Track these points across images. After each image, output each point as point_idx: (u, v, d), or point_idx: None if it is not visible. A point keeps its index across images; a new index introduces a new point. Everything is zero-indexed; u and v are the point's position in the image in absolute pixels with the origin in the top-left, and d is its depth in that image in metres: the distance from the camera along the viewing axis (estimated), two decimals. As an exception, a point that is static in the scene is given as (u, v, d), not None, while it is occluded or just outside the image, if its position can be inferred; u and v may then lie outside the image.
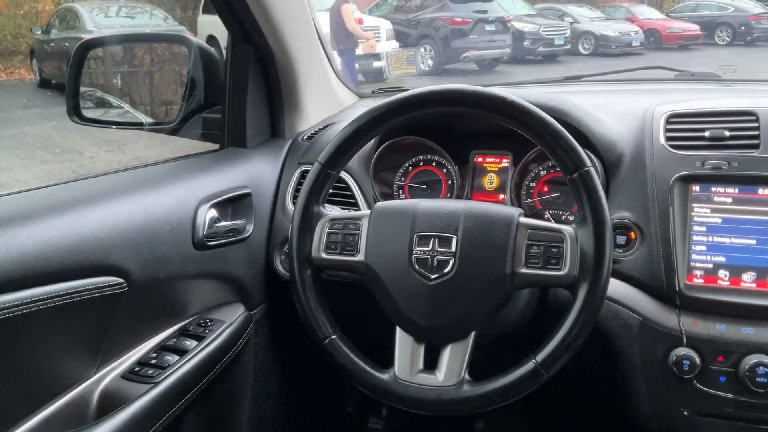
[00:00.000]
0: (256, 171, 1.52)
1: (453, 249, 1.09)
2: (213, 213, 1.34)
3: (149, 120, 2.05)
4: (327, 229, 1.18)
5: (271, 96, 1.62)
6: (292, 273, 1.17)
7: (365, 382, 1.13)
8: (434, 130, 1.49)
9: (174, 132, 1.65)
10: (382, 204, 1.19)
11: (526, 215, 1.20)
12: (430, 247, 1.10)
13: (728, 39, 15.31)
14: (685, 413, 1.21)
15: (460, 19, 12.20)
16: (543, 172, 1.42)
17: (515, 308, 1.24)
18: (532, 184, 1.43)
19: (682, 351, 1.17)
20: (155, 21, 11.16)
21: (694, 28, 14.96)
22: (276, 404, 1.65)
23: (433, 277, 1.09)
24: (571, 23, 14.37)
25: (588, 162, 1.05)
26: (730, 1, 15.95)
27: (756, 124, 1.23)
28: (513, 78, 10.86)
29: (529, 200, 1.43)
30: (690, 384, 1.18)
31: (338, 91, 1.80)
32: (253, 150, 1.57)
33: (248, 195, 1.45)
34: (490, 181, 1.48)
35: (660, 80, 1.86)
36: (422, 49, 12.10)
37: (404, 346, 1.13)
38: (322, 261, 1.17)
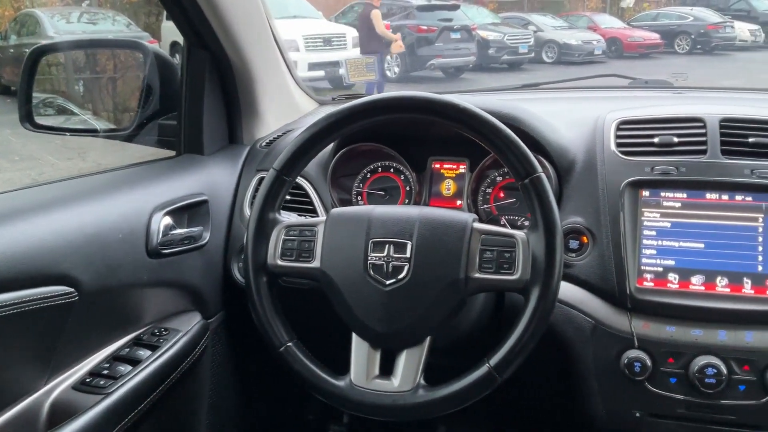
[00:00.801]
0: (213, 178, 1.51)
1: (408, 255, 1.10)
2: (168, 220, 1.32)
3: (105, 126, 2.02)
4: (282, 236, 1.17)
5: (228, 102, 1.61)
6: (247, 280, 1.16)
7: (321, 389, 1.13)
8: (392, 137, 1.50)
9: (130, 139, 1.63)
10: (337, 210, 1.19)
11: (482, 221, 1.21)
12: (385, 253, 1.10)
13: (687, 47, 15.70)
14: (638, 414, 1.23)
15: (425, 27, 12.27)
16: (499, 178, 1.44)
17: (471, 313, 1.25)
18: (489, 190, 1.45)
19: (633, 353, 1.19)
20: (118, 27, 11.00)
21: (654, 37, 15.31)
22: (235, 413, 1.63)
23: (388, 282, 1.10)
24: (535, 32, 14.59)
25: (539, 168, 1.07)
26: (689, 11, 16.39)
27: (703, 131, 1.26)
28: (478, 86, 10.97)
29: (485, 206, 1.45)
30: (642, 385, 1.20)
31: (297, 98, 1.79)
32: (210, 156, 1.55)
33: (205, 202, 1.44)
34: (448, 187, 1.49)
35: (614, 88, 1.90)
36: (388, 57, 12.14)
37: (360, 352, 1.13)
38: (277, 268, 1.17)
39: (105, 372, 1.20)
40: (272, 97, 1.66)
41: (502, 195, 1.44)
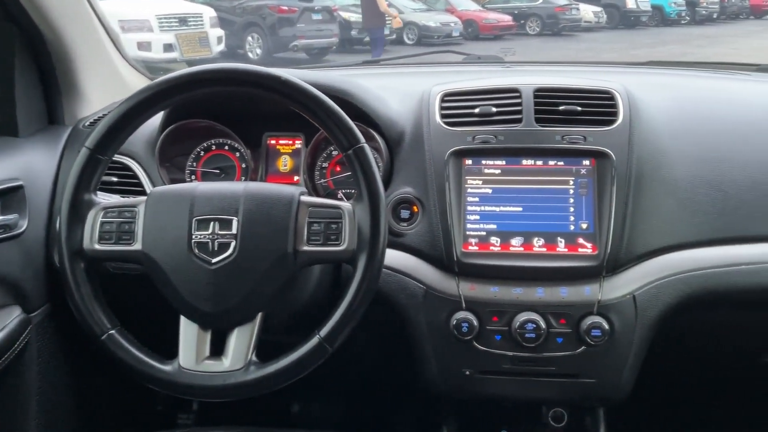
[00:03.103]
0: (30, 161, 1.40)
1: (234, 231, 1.08)
2: None
3: None
4: (100, 219, 1.11)
5: (45, 81, 1.50)
6: (62, 267, 1.10)
7: (147, 376, 1.08)
8: (225, 113, 1.46)
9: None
10: (158, 189, 1.15)
11: (320, 195, 1.20)
12: (210, 231, 1.08)
13: (538, 29, 16.53)
14: (468, 372, 1.29)
15: (286, 8, 12.07)
16: (334, 152, 1.44)
17: (307, 286, 1.25)
18: (325, 165, 1.45)
19: (461, 314, 1.25)
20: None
21: (507, 19, 15.96)
22: (71, 410, 1.54)
23: (214, 261, 1.07)
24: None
25: (362, 139, 1.08)
26: (540, -7, 17.18)
27: (519, 100, 1.33)
28: (342, 67, 10.95)
29: (322, 180, 1.45)
30: (470, 345, 1.26)
31: (126, 75, 1.70)
32: (27, 139, 1.44)
33: (20, 188, 1.33)
34: (284, 164, 1.48)
35: (450, 63, 1.97)
36: (249, 38, 11.88)
37: (189, 334, 1.09)
38: (96, 253, 1.10)
39: None
40: (96, 75, 1.57)
41: (338, 169, 1.44)
